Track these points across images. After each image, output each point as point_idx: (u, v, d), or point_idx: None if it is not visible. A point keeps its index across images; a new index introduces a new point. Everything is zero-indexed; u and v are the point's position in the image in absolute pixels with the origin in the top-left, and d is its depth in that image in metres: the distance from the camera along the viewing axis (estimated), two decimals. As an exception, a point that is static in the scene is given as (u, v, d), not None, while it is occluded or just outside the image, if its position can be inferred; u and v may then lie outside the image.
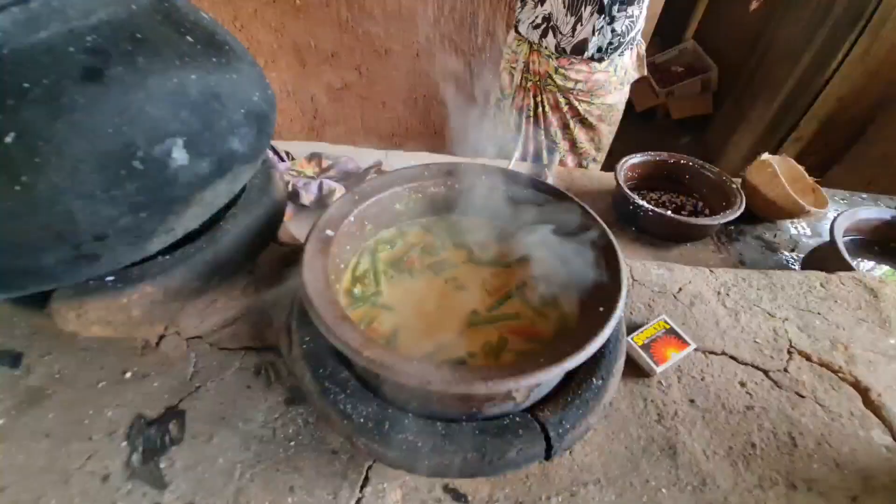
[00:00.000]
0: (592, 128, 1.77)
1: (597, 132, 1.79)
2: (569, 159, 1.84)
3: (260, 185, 0.85)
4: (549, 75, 1.66)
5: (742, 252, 1.50)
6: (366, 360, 0.57)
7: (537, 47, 1.64)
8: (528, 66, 1.69)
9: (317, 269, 0.68)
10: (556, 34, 1.58)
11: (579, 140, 1.78)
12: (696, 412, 0.83)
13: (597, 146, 1.84)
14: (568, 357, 0.59)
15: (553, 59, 1.62)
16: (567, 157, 1.83)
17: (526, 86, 1.74)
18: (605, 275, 0.72)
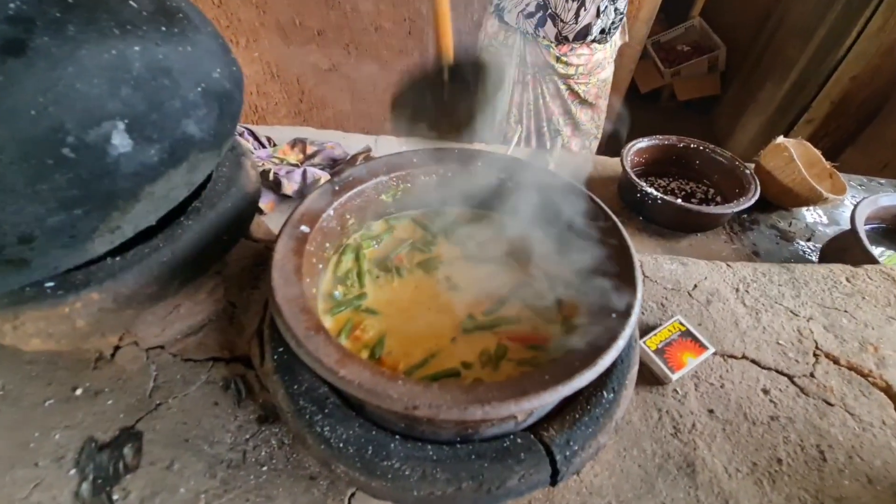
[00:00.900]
0: (592, 106, 1.74)
1: (596, 109, 1.76)
2: (573, 143, 1.77)
3: (228, 174, 0.77)
4: (550, 65, 1.59)
5: (756, 242, 1.44)
6: (341, 382, 0.49)
7: (532, 38, 1.56)
8: (523, 58, 1.61)
9: (288, 272, 0.61)
10: (556, 23, 1.52)
11: (581, 122, 1.73)
12: (715, 424, 0.77)
13: (597, 124, 1.80)
14: (577, 374, 0.52)
15: (553, 48, 1.55)
16: (570, 141, 1.76)
17: (524, 80, 1.66)
18: (616, 274, 0.65)
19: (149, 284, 0.64)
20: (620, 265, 0.66)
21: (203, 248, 0.69)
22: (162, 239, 0.65)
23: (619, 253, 0.68)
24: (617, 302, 0.61)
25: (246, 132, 1.43)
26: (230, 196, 0.74)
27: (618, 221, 0.73)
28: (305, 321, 0.55)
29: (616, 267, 0.66)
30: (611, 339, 0.56)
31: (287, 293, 0.58)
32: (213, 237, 0.71)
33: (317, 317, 0.57)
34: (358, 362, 0.51)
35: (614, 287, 0.64)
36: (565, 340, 0.68)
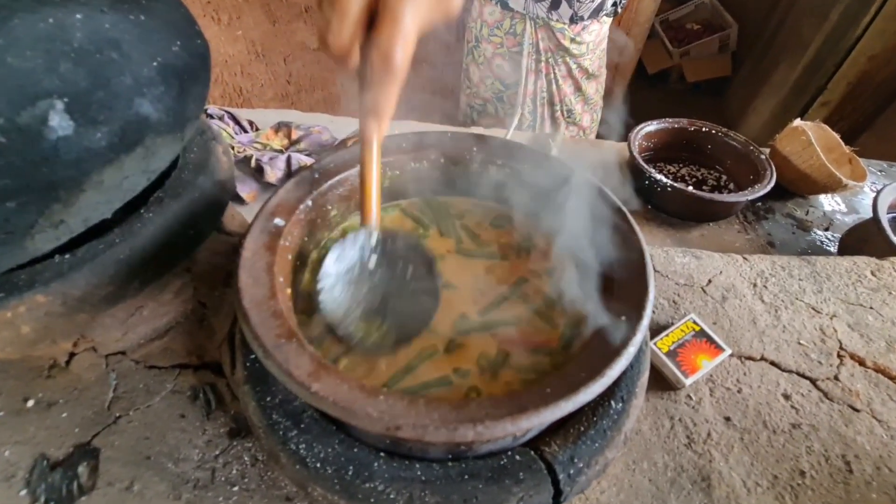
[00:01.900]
0: (597, 77, 1.72)
1: (599, 80, 1.74)
2: (584, 119, 1.74)
3: (196, 161, 0.71)
4: (564, 48, 1.54)
5: (771, 232, 1.39)
6: (314, 398, 0.44)
7: (544, 22, 1.50)
8: (536, 46, 1.56)
9: (259, 270, 0.56)
10: (571, 3, 1.47)
11: (589, 95, 1.71)
12: (732, 433, 0.72)
13: (601, 94, 1.80)
14: (582, 387, 0.47)
15: (567, 29, 1.50)
16: (582, 118, 1.73)
17: (538, 68, 1.61)
18: (626, 271, 0.60)
19: (104, 285, 0.59)
20: (630, 261, 0.61)
21: (167, 243, 0.64)
22: (118, 234, 0.60)
23: (628, 247, 0.63)
24: (627, 302, 0.57)
25: (226, 115, 1.37)
26: (198, 185, 0.69)
27: (627, 212, 0.68)
28: (276, 327, 0.50)
29: (625, 263, 0.62)
30: (621, 346, 0.51)
31: (256, 295, 0.53)
32: (178, 231, 0.65)
33: (290, 322, 0.52)
34: (334, 375, 0.47)
35: (624, 285, 0.59)
36: (570, 344, 0.64)
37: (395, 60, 0.44)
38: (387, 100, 0.48)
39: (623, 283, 0.60)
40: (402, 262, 0.63)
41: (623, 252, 0.62)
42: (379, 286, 0.62)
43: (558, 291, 0.69)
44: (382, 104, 0.48)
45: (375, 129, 0.52)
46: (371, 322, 0.60)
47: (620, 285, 0.60)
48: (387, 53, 0.44)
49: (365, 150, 0.56)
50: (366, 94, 0.48)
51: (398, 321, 0.61)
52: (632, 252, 0.62)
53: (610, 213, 0.67)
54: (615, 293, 0.59)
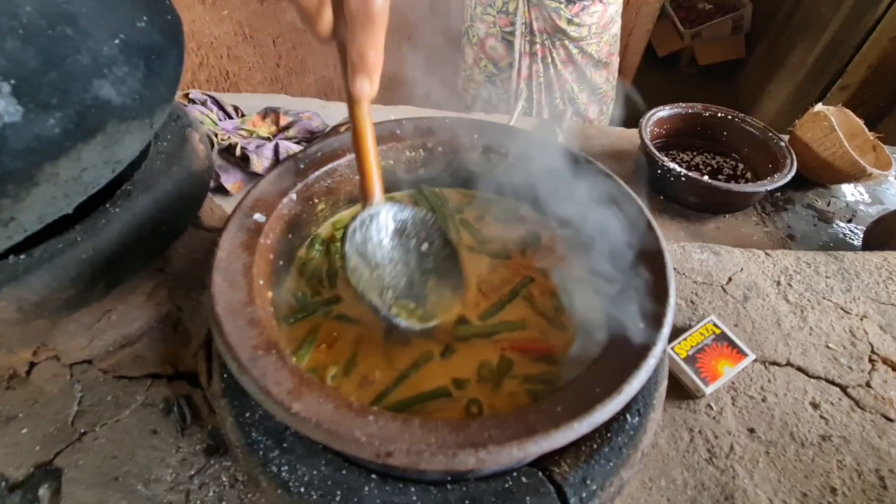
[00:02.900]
0: (606, 66, 1.65)
1: (610, 69, 1.67)
2: (590, 111, 1.68)
3: (169, 150, 0.67)
4: (561, 30, 1.48)
5: (791, 224, 1.36)
6: (294, 420, 0.41)
7: (538, 0, 1.45)
8: (529, 26, 1.50)
9: (235, 272, 0.52)
10: None
11: (597, 85, 1.64)
12: (757, 446, 0.69)
13: (612, 84, 1.72)
14: (598, 404, 0.43)
15: (563, 9, 1.44)
16: (588, 109, 1.66)
17: (532, 50, 1.55)
18: (643, 271, 0.57)
19: (64, 288, 0.55)
20: (647, 259, 0.58)
21: (136, 240, 0.60)
22: (80, 231, 0.56)
23: (645, 244, 0.59)
24: (644, 306, 0.53)
25: (209, 100, 1.33)
26: (171, 176, 0.65)
27: (643, 205, 0.64)
28: (253, 337, 0.46)
29: (642, 261, 0.58)
30: (639, 357, 0.47)
31: (231, 300, 0.49)
32: (149, 227, 0.62)
33: (269, 331, 0.48)
34: (318, 392, 0.43)
35: (641, 287, 0.55)
36: (581, 351, 0.60)
37: (373, 1, 0.41)
38: (373, 48, 0.45)
39: (640, 284, 0.56)
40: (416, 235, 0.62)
41: (639, 249, 0.59)
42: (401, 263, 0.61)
43: (568, 293, 0.65)
44: (369, 54, 0.45)
45: (367, 85, 0.48)
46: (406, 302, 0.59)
47: (637, 287, 0.56)
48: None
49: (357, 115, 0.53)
50: (350, 49, 0.45)
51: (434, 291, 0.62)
52: (649, 249, 0.59)
53: (624, 206, 0.63)
54: (631, 295, 0.55)
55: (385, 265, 0.60)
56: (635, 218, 0.62)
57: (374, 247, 0.60)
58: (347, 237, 0.57)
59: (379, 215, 0.60)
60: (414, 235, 0.62)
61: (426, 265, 0.62)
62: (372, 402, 0.55)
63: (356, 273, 0.57)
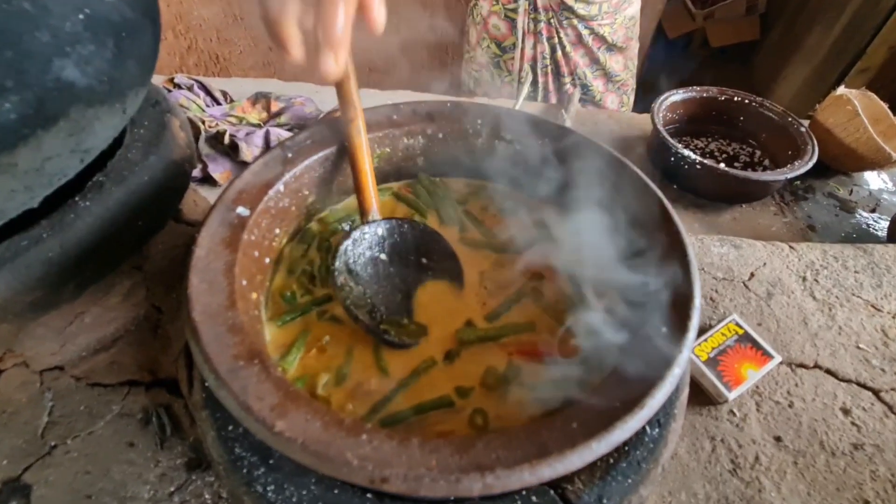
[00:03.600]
0: (622, 50, 1.58)
1: (627, 54, 1.60)
2: (607, 100, 1.62)
3: (147, 138, 0.63)
4: (568, 7, 1.43)
5: (811, 214, 1.32)
6: (277, 440, 0.37)
7: None
8: (533, 2, 1.45)
9: (215, 272, 0.48)
10: None
11: (614, 72, 1.58)
12: (784, 456, 0.66)
13: (631, 72, 1.65)
14: (618, 421, 0.40)
15: None
16: (604, 97, 1.61)
17: (537, 29, 1.49)
18: (664, 269, 0.54)
19: (29, 289, 0.51)
20: (669, 257, 0.54)
21: (110, 236, 0.57)
22: (46, 227, 0.53)
23: (665, 239, 0.56)
24: (667, 308, 0.49)
25: (196, 85, 1.29)
26: (148, 166, 0.61)
27: (662, 195, 0.61)
28: (233, 346, 0.43)
29: (663, 259, 0.54)
30: (663, 366, 0.44)
31: (210, 304, 0.45)
32: (123, 222, 0.58)
33: (252, 337, 0.44)
34: (305, 408, 0.39)
35: (662, 287, 0.52)
36: (595, 357, 0.56)
37: None
38: (334, 18, 0.42)
39: (661, 283, 0.52)
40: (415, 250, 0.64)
41: (659, 245, 0.56)
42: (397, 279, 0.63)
43: (581, 292, 0.62)
44: (331, 27, 0.43)
45: (331, 62, 0.45)
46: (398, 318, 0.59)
47: (657, 286, 0.53)
48: None
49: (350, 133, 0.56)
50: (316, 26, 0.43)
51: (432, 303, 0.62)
52: (670, 245, 0.55)
53: (641, 197, 0.60)
54: (651, 296, 0.52)
55: (378, 282, 0.61)
56: (654, 210, 0.59)
57: (367, 264, 0.61)
58: (339, 255, 0.58)
59: (375, 232, 0.61)
60: (413, 251, 0.64)
61: (424, 279, 0.63)
62: (367, 413, 0.52)
63: (344, 291, 0.57)
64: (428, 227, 0.65)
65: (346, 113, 0.63)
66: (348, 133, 0.62)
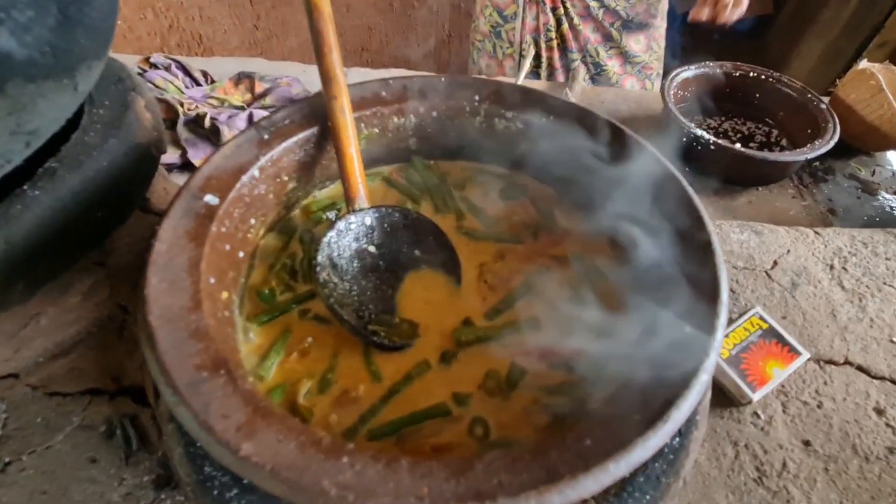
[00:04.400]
0: (644, 29, 1.49)
1: (650, 32, 1.51)
2: (626, 83, 1.54)
3: (108, 119, 0.59)
4: None
5: (832, 197, 1.28)
6: (243, 466, 0.33)
7: None
8: None
9: (178, 270, 0.44)
10: None
11: (632, 52, 1.49)
12: (814, 462, 0.62)
13: (656, 54, 1.56)
14: (638, 438, 0.36)
15: None
16: (623, 80, 1.54)
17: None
18: (684, 260, 0.50)
19: (-29, 290, 0.47)
20: (691, 248, 0.50)
21: (64, 229, 0.52)
22: (-11, 220, 0.48)
23: (687, 227, 0.52)
24: (690, 305, 0.45)
25: (174, 65, 1.23)
26: (108, 150, 0.56)
27: (680, 176, 0.57)
28: (195, 354, 0.38)
29: (684, 250, 0.51)
30: (689, 373, 0.39)
31: (170, 306, 0.41)
32: (79, 213, 0.53)
33: (219, 344, 0.40)
34: (278, 426, 0.35)
35: (683, 281, 0.48)
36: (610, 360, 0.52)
37: None
38: None
39: (681, 276, 0.49)
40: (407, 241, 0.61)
41: (680, 234, 0.52)
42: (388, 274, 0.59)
43: (592, 284, 0.59)
44: None
45: None
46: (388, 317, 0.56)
47: (677, 279, 0.49)
48: None
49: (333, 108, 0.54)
50: None
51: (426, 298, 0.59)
52: (692, 235, 0.51)
53: (658, 179, 0.57)
54: (671, 289, 0.48)
55: (367, 278, 0.58)
56: (672, 193, 0.55)
57: (354, 257, 0.58)
58: (321, 247, 0.54)
59: (363, 221, 0.58)
60: (405, 242, 0.61)
61: (418, 274, 0.60)
62: (354, 424, 0.48)
63: (327, 287, 0.53)
64: (421, 216, 0.62)
65: (329, 89, 0.58)
66: (331, 112, 0.58)
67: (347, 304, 0.54)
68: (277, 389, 0.50)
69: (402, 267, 0.60)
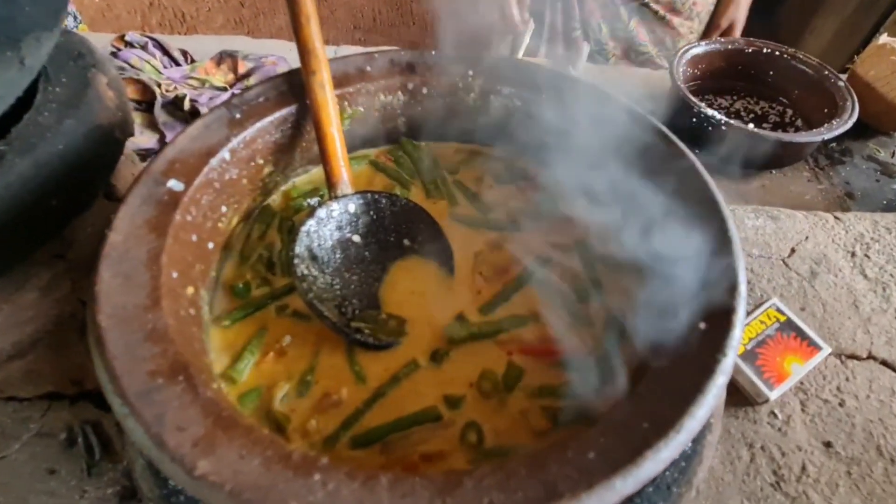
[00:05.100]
0: (663, 22, 1.44)
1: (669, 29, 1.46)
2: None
3: (64, 98, 0.55)
4: None
5: (849, 180, 1.26)
6: (199, 487, 0.30)
7: None
8: None
9: (134, 264, 0.41)
10: None
11: (637, 41, 1.45)
12: (836, 465, 0.61)
13: (669, 52, 1.51)
14: (648, 449, 0.33)
15: None
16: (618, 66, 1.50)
17: None
18: (698, 249, 0.47)
19: None
20: (704, 234, 0.48)
21: (14, 219, 0.49)
22: (-71, 209, 0.45)
23: (699, 212, 0.49)
24: (704, 299, 0.42)
25: (150, 43, 1.19)
26: (64, 132, 0.53)
27: (693, 157, 0.55)
28: (151, 358, 0.35)
29: (697, 237, 0.48)
30: (703, 374, 0.37)
31: (124, 304, 0.38)
32: (32, 201, 0.51)
33: (179, 346, 0.37)
34: (241, 439, 0.32)
35: (696, 272, 0.45)
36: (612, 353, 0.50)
37: None
38: None
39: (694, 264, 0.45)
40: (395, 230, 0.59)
41: (692, 220, 0.49)
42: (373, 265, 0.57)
43: (595, 276, 0.57)
44: None
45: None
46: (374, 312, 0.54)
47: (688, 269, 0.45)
48: None
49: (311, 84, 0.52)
50: None
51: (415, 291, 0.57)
52: (705, 220, 0.49)
53: (669, 161, 0.54)
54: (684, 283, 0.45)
55: (350, 270, 0.55)
56: (685, 176, 0.52)
57: (336, 248, 0.55)
58: (300, 237, 0.52)
59: (346, 208, 0.56)
60: (392, 231, 0.58)
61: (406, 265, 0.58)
62: (335, 432, 0.46)
63: (306, 281, 0.51)
64: (411, 202, 0.60)
65: (307, 63, 0.55)
66: (310, 88, 0.55)
67: (328, 298, 0.51)
68: (251, 394, 0.47)
69: (389, 258, 0.57)
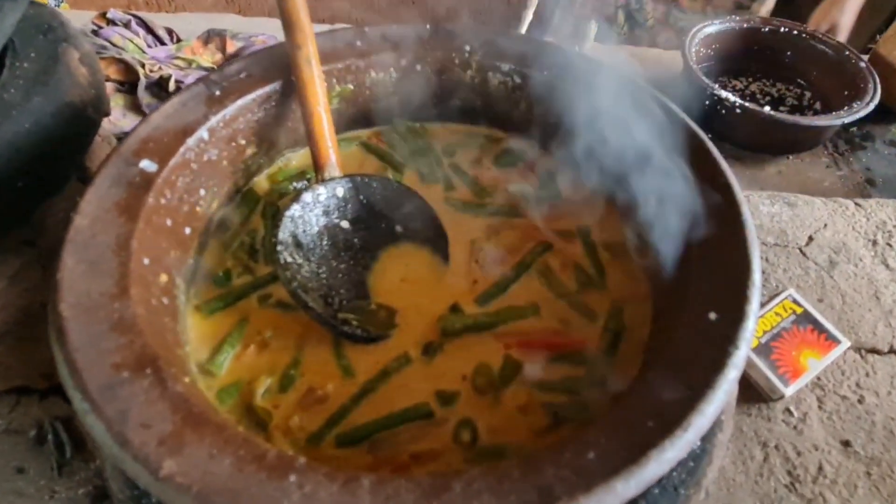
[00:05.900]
0: None
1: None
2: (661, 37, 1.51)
3: (32, 74, 0.54)
4: None
5: (870, 166, 1.26)
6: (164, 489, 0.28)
7: None
8: None
9: (101, 249, 0.41)
10: None
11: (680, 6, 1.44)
12: (854, 465, 0.60)
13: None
14: (652, 448, 0.32)
15: None
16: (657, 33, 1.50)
17: None
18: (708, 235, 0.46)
19: None
20: (716, 221, 0.47)
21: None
22: None
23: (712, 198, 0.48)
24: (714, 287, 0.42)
25: (134, 21, 1.18)
26: (31, 110, 0.52)
27: (705, 137, 0.55)
28: (116, 350, 0.34)
29: (708, 223, 0.47)
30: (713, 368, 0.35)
31: (88, 293, 0.37)
32: None
33: (148, 338, 0.36)
34: (212, 437, 0.31)
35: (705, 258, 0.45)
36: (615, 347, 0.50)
37: None
38: None
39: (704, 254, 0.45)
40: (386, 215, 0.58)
41: (701, 204, 0.48)
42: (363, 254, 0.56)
43: (599, 264, 0.56)
44: None
45: None
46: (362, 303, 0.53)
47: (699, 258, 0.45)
48: None
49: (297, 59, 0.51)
50: None
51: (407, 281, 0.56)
52: (718, 206, 0.49)
53: (679, 142, 0.53)
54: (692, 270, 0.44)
55: (338, 258, 0.54)
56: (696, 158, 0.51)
57: (323, 234, 0.54)
58: (283, 223, 0.51)
59: (333, 193, 0.54)
60: (383, 216, 0.57)
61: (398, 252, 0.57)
62: (320, 429, 0.45)
63: (290, 270, 0.50)
64: (404, 186, 0.59)
65: (292, 37, 0.54)
66: (295, 63, 0.54)
67: (314, 288, 0.50)
68: (231, 388, 0.46)
69: (380, 245, 0.57)
